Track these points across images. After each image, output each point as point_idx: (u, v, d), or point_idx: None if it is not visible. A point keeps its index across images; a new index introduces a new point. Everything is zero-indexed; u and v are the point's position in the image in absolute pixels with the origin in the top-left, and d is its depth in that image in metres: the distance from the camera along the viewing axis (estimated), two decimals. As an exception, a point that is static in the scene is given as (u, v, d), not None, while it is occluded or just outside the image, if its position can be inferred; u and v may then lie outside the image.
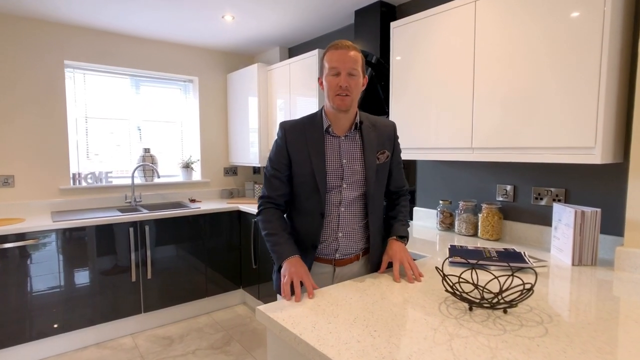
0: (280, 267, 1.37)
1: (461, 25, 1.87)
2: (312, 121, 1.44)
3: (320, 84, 1.42)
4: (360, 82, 1.38)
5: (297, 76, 3.08)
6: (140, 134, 3.60)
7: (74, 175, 3.20)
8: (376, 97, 2.61)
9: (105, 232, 2.77)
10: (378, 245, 1.49)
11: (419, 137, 2.13)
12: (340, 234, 1.43)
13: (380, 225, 1.51)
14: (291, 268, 1.29)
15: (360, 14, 2.69)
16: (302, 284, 1.27)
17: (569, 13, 1.49)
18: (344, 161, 1.41)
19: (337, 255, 1.44)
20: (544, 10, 1.56)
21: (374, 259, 1.48)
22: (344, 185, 1.41)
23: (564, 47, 1.51)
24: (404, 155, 2.23)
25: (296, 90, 3.10)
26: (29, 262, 2.49)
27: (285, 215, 1.53)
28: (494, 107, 1.76)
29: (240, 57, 4.04)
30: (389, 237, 1.49)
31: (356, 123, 1.43)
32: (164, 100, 3.73)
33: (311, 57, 2.91)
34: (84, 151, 3.32)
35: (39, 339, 2.56)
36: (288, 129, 1.44)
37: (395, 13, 2.62)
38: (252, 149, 3.58)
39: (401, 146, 2.24)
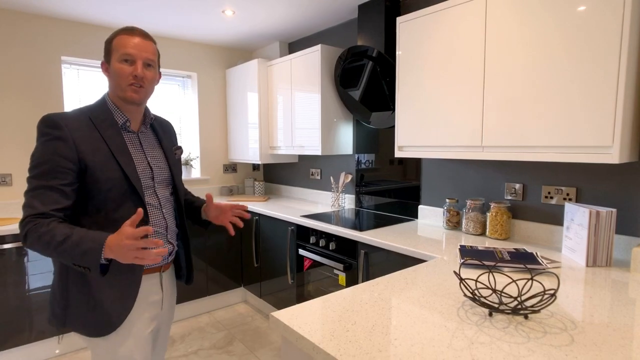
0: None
1: (471, 20, 1.83)
2: (100, 115, 1.23)
3: (105, 70, 1.25)
4: (156, 76, 1.29)
5: (299, 72, 3.02)
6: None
7: (71, 173, 3.14)
8: (381, 93, 2.57)
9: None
10: (188, 239, 1.46)
11: (426, 134, 2.09)
12: (169, 236, 1.35)
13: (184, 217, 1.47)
14: (120, 242, 1.01)
15: (364, 8, 2.63)
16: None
17: (587, 6, 1.45)
18: (149, 159, 1.31)
19: (168, 259, 1.36)
20: (560, 2, 1.52)
21: (188, 253, 1.47)
22: (157, 186, 1.32)
23: (581, 41, 1.47)
24: (411, 153, 2.20)
25: (298, 86, 3.05)
26: (29, 262, 2.44)
27: None
28: (506, 104, 1.72)
29: (239, 52, 3.97)
30: (201, 208, 1.53)
31: (151, 117, 1.36)
32: (162, 96, 3.66)
33: (314, 53, 2.86)
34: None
35: (40, 340, 2.51)
36: (70, 124, 1.15)
37: (399, 8, 2.58)
38: (252, 145, 3.53)
39: (408, 144, 2.23)
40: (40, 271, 2.48)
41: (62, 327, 1.23)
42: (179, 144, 1.51)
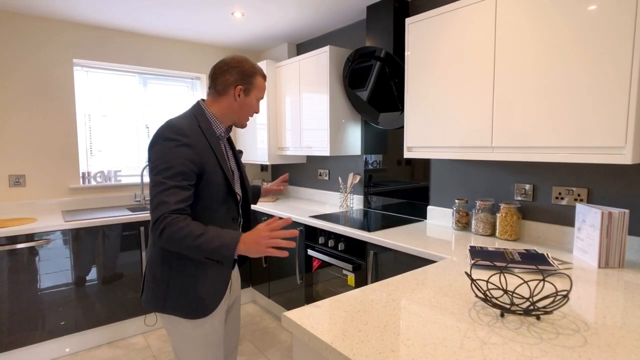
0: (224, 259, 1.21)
1: (481, 20, 1.83)
2: (204, 124, 1.37)
3: (238, 94, 1.39)
4: None
5: (308, 73, 3.04)
6: (148, 132, 3.57)
7: (83, 174, 3.18)
8: (389, 94, 2.57)
9: (116, 231, 2.75)
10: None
11: (435, 135, 2.09)
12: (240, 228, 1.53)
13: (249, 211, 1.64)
14: (257, 237, 1.19)
15: (372, 9, 2.64)
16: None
17: (598, 4, 1.44)
18: (231, 163, 1.49)
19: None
20: (571, 0, 1.51)
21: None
22: (235, 185, 1.47)
23: (592, 40, 1.46)
24: (420, 154, 2.20)
25: (306, 87, 3.07)
26: (41, 261, 2.48)
27: None
28: (516, 105, 1.72)
29: (247, 53, 4.00)
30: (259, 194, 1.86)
31: (227, 129, 1.48)
32: (171, 98, 3.69)
33: (322, 54, 2.87)
34: (93, 150, 3.30)
35: (51, 339, 2.55)
36: (191, 134, 1.30)
37: (408, 9, 2.58)
38: (260, 146, 3.55)
39: (417, 144, 2.23)
40: (51, 271, 2.52)
41: (161, 309, 1.34)
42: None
